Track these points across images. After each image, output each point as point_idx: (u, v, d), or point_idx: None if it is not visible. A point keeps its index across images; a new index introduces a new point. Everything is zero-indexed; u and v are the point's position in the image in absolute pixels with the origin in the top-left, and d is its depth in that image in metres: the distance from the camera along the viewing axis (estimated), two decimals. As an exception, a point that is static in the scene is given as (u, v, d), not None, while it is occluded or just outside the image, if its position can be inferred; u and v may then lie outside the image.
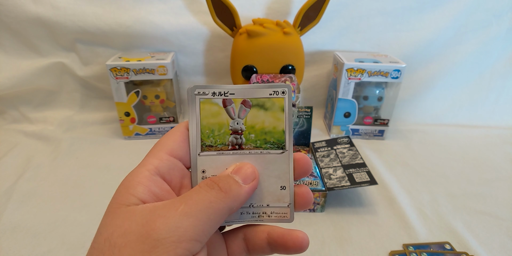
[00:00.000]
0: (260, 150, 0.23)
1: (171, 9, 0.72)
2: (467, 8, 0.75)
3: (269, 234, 0.23)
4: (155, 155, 0.21)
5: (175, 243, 0.17)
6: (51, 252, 0.43)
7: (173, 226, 0.17)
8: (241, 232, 0.24)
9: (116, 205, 0.19)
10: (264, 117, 0.23)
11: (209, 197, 0.19)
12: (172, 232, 0.17)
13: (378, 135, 0.75)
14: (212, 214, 0.19)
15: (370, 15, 0.75)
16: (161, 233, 0.17)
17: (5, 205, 0.51)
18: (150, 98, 0.71)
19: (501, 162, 0.66)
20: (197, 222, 0.18)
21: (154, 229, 0.17)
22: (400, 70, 0.67)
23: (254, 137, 0.23)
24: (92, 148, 0.68)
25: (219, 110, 0.22)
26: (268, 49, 0.64)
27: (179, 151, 0.22)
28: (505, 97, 0.84)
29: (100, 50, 0.74)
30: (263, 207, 0.23)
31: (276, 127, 0.23)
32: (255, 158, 0.23)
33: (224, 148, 0.23)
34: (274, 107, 0.23)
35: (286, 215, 0.23)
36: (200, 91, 0.22)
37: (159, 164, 0.21)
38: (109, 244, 0.17)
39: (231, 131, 0.23)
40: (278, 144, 0.23)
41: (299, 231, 0.22)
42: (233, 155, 0.23)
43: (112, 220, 0.18)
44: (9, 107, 0.77)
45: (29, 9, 0.68)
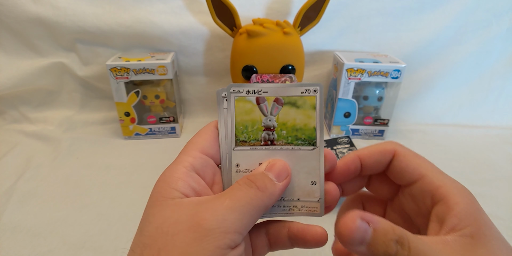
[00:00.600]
0: (291, 146, 0.24)
1: (171, 9, 0.72)
2: (467, 8, 0.75)
3: (289, 229, 0.24)
4: (189, 153, 0.23)
5: (223, 233, 0.18)
6: (51, 252, 0.43)
7: (221, 218, 0.19)
8: (264, 227, 0.25)
9: (161, 198, 0.20)
10: (296, 114, 0.24)
11: (249, 194, 0.21)
12: (220, 224, 0.19)
13: (378, 135, 0.75)
14: (252, 210, 0.20)
15: (370, 15, 0.75)
16: (211, 224, 0.18)
17: (5, 205, 0.51)
18: (150, 98, 0.71)
19: (501, 162, 0.66)
20: (241, 216, 0.19)
21: (204, 220, 0.19)
22: (400, 70, 0.67)
23: (285, 133, 0.24)
24: (92, 148, 0.68)
25: (253, 107, 0.24)
26: (268, 49, 0.64)
27: (210, 149, 0.23)
28: (505, 97, 0.84)
29: (100, 50, 0.74)
30: (294, 201, 0.24)
31: (307, 124, 0.24)
32: (286, 153, 0.24)
33: (256, 143, 0.24)
34: (305, 105, 0.24)
35: (316, 209, 0.24)
36: (235, 89, 0.24)
37: (193, 161, 0.22)
38: (161, 231, 0.19)
39: (263, 128, 0.24)
40: (309, 141, 0.24)
41: (317, 227, 0.23)
42: (265, 150, 0.24)
43: (161, 211, 0.20)
44: (9, 107, 0.77)
45: (29, 9, 0.68)
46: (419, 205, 0.23)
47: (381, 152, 0.24)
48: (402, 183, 0.24)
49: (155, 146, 0.70)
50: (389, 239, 0.18)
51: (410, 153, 0.23)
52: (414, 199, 0.23)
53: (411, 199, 0.23)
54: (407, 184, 0.23)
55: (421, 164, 0.23)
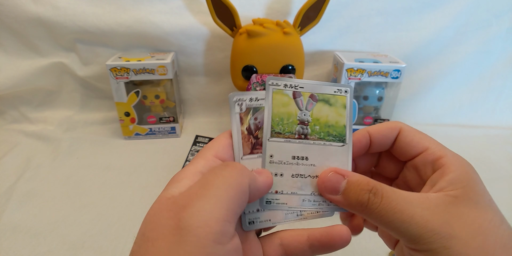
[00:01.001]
0: (323, 141, 0.25)
1: (171, 9, 0.72)
2: (467, 8, 0.75)
3: (310, 236, 0.23)
4: (202, 156, 0.23)
5: (202, 227, 0.17)
6: (51, 252, 0.43)
7: (195, 211, 0.17)
8: (277, 238, 0.24)
9: (159, 199, 0.20)
10: (328, 111, 0.25)
11: (223, 173, 0.20)
12: (196, 218, 0.17)
13: (378, 135, 0.75)
14: (230, 190, 0.19)
15: (370, 15, 0.75)
16: (187, 221, 0.17)
17: (5, 205, 0.51)
18: (150, 98, 0.71)
19: (501, 162, 0.66)
20: (218, 202, 0.18)
21: (180, 220, 0.17)
22: (400, 70, 0.67)
23: (318, 129, 0.25)
24: (92, 148, 0.68)
25: (289, 101, 0.24)
26: (268, 49, 0.64)
27: (224, 154, 0.23)
28: (505, 97, 0.84)
29: (100, 50, 0.74)
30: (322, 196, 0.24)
31: (338, 122, 0.25)
32: (318, 148, 0.24)
33: (291, 136, 0.24)
34: (337, 103, 0.25)
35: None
36: (274, 82, 0.24)
37: (205, 163, 0.22)
38: (144, 238, 0.18)
39: (298, 121, 0.24)
40: (339, 138, 0.25)
41: (340, 225, 0.23)
42: (298, 143, 0.24)
43: (147, 215, 0.19)
44: (9, 107, 0.77)
45: (29, 9, 0.68)
46: (421, 175, 0.24)
47: (388, 128, 0.25)
48: (407, 158, 0.25)
49: (155, 146, 0.70)
50: (362, 189, 0.21)
51: (414, 129, 0.25)
52: (416, 170, 0.24)
53: (414, 170, 0.25)
54: (412, 157, 0.24)
55: (425, 138, 0.24)
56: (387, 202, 0.20)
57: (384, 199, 0.20)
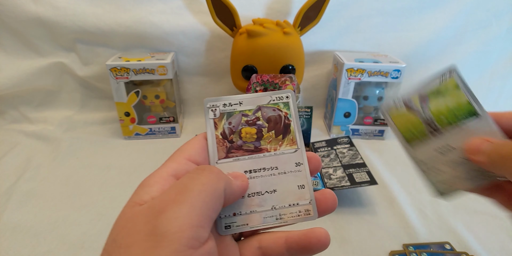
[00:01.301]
0: (455, 125, 0.25)
1: (171, 9, 0.72)
2: (467, 8, 0.75)
3: (287, 239, 0.22)
4: (174, 159, 0.22)
5: (177, 233, 0.17)
6: (51, 252, 0.43)
7: (171, 217, 0.17)
8: (255, 241, 0.23)
9: (129, 204, 0.20)
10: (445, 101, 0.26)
11: (201, 179, 0.19)
12: (171, 224, 0.17)
13: (378, 135, 0.75)
14: (206, 196, 0.18)
15: (370, 15, 0.75)
16: (162, 227, 0.17)
17: (5, 205, 0.51)
18: (150, 98, 0.71)
19: (501, 162, 0.66)
20: (194, 208, 0.18)
21: (155, 225, 0.17)
22: (400, 70, 0.67)
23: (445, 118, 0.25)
24: (92, 148, 0.68)
25: (407, 113, 0.26)
26: (268, 49, 0.64)
27: (197, 156, 0.23)
28: (505, 97, 0.84)
29: (100, 50, 0.74)
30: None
31: (459, 103, 0.25)
32: (455, 132, 0.24)
33: (426, 137, 0.26)
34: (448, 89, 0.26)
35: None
36: (391, 103, 0.26)
37: (177, 167, 0.22)
38: (116, 245, 0.18)
39: (423, 125, 0.26)
40: (469, 113, 0.25)
41: (318, 228, 0.22)
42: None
43: (118, 221, 0.19)
44: (9, 107, 0.77)
45: (29, 9, 0.68)
46: None
47: None
48: None
49: (155, 146, 0.70)
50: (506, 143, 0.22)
51: (501, 112, 0.25)
52: None
53: None
54: None
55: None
56: None
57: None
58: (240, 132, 0.24)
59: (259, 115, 0.25)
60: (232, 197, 0.22)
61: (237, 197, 0.22)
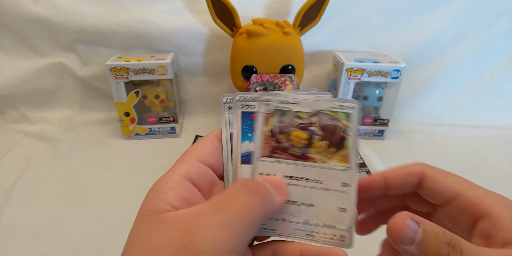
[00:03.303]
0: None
1: (171, 9, 0.72)
2: (467, 8, 0.75)
3: (302, 253, 0.21)
4: (185, 161, 0.21)
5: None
6: (51, 252, 0.43)
7: (211, 238, 0.16)
8: (269, 249, 0.22)
9: (148, 212, 0.19)
10: None
11: (246, 202, 0.18)
12: (211, 245, 0.16)
13: (378, 135, 0.75)
14: (249, 221, 0.18)
15: (370, 15, 0.75)
16: (200, 246, 0.16)
17: (5, 205, 0.51)
18: (150, 98, 0.71)
19: (501, 162, 0.66)
20: (235, 233, 0.17)
21: (192, 243, 0.16)
22: (400, 70, 0.67)
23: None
24: (92, 148, 0.68)
25: None
26: (268, 49, 0.64)
27: (209, 158, 0.22)
28: (505, 97, 0.84)
29: (100, 50, 0.74)
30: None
31: None
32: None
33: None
34: None
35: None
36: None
37: (189, 169, 0.21)
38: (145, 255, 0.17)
39: None
40: None
41: (338, 249, 0.21)
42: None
43: (146, 230, 0.18)
44: (9, 107, 0.77)
45: (29, 9, 0.68)
46: (459, 224, 0.21)
47: (407, 174, 0.23)
48: (438, 203, 0.22)
49: (155, 146, 0.70)
50: (440, 241, 0.18)
51: (440, 172, 0.22)
52: (453, 218, 0.22)
53: (449, 218, 0.22)
54: (443, 204, 0.22)
55: (453, 182, 0.22)
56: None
57: (464, 254, 0.18)
58: (290, 134, 0.22)
59: (314, 120, 0.22)
60: (272, 216, 0.21)
61: (275, 214, 0.21)
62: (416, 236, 0.18)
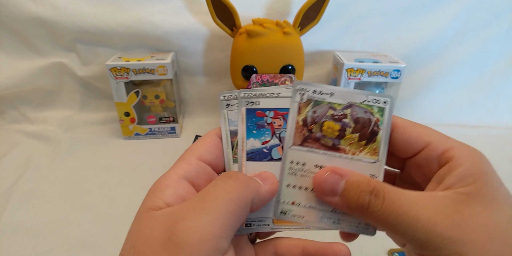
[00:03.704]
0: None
1: (171, 9, 0.72)
2: (467, 8, 0.75)
3: (304, 249, 0.21)
4: (185, 160, 0.21)
5: (196, 245, 0.16)
6: (51, 252, 0.43)
7: (192, 226, 0.16)
8: (272, 246, 0.22)
9: (143, 209, 0.19)
10: None
11: (226, 187, 0.18)
12: (192, 233, 0.16)
13: (378, 135, 0.75)
14: (231, 205, 0.18)
15: (370, 15, 0.75)
16: (181, 236, 0.16)
17: (5, 205, 0.51)
18: (150, 98, 0.71)
19: (501, 162, 0.66)
20: (217, 217, 0.17)
21: (174, 234, 0.16)
22: (400, 70, 0.67)
23: None
24: (92, 148, 0.68)
25: None
26: (268, 49, 0.64)
27: (209, 155, 0.22)
28: (505, 97, 0.84)
29: (100, 50, 0.74)
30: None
31: None
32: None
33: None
34: None
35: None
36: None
37: (188, 168, 0.21)
38: (134, 251, 0.17)
39: None
40: None
41: (340, 244, 0.21)
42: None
43: (136, 227, 0.18)
44: (9, 107, 0.77)
45: (29, 9, 0.68)
46: (426, 173, 0.21)
47: None
48: (408, 155, 0.22)
49: (155, 146, 0.70)
50: (362, 190, 0.19)
51: (410, 123, 0.22)
52: (420, 168, 0.22)
53: (418, 168, 0.22)
54: (413, 154, 0.22)
55: (424, 132, 0.21)
56: (390, 204, 0.18)
57: (386, 200, 0.18)
58: (323, 124, 0.22)
59: (347, 112, 0.22)
60: (261, 203, 0.20)
61: (266, 202, 0.21)
62: (337, 187, 0.20)
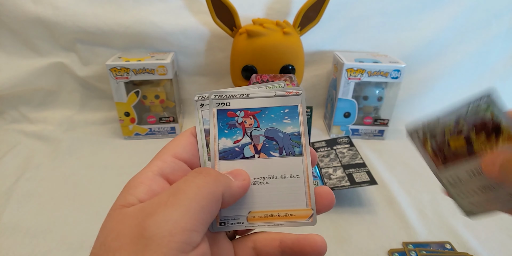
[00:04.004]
0: None
1: (171, 9, 0.72)
2: (467, 8, 0.75)
3: (282, 241, 0.22)
4: (160, 158, 0.22)
5: (166, 237, 0.16)
6: (51, 252, 0.43)
7: (162, 220, 0.16)
8: (250, 241, 0.23)
9: (115, 206, 0.19)
10: None
11: (196, 182, 0.18)
12: (162, 227, 0.16)
13: (378, 135, 0.75)
14: (202, 200, 0.18)
15: (370, 15, 0.75)
16: (151, 230, 0.16)
17: (5, 205, 0.51)
18: (150, 98, 0.71)
19: (501, 162, 0.66)
20: (187, 211, 0.17)
21: (145, 228, 0.16)
22: (400, 70, 0.67)
23: None
24: (92, 148, 0.68)
25: None
26: (268, 49, 0.64)
27: (184, 153, 0.22)
28: (505, 97, 0.83)
29: (100, 50, 0.74)
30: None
31: None
32: None
33: None
34: None
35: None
36: None
37: (163, 165, 0.21)
38: (104, 248, 0.17)
39: None
40: None
41: (315, 235, 0.21)
42: None
43: (107, 224, 0.18)
44: (9, 107, 0.77)
45: (29, 9, 0.68)
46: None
47: None
48: None
49: (155, 146, 0.70)
50: None
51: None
52: None
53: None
54: None
55: None
56: None
57: None
58: (449, 145, 0.25)
59: (462, 123, 0.24)
60: (232, 198, 0.21)
61: (237, 198, 0.21)
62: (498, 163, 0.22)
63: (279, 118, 0.24)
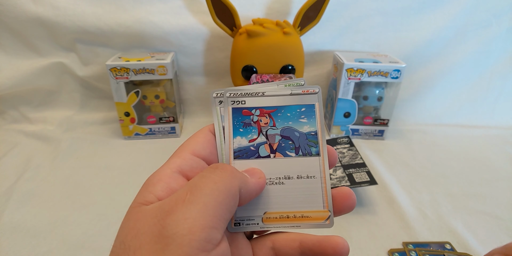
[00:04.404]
0: None
1: (171, 9, 0.72)
2: (467, 8, 0.75)
3: (302, 242, 0.21)
4: (178, 155, 0.21)
5: (186, 236, 0.16)
6: (51, 252, 0.43)
7: (181, 218, 0.16)
8: (269, 241, 0.22)
9: (134, 205, 0.19)
10: None
11: (213, 178, 0.18)
12: (181, 225, 0.16)
13: (378, 135, 0.75)
14: (219, 195, 0.18)
15: (370, 15, 0.75)
16: (171, 229, 0.16)
17: (5, 205, 0.51)
18: (150, 98, 0.71)
19: (501, 162, 0.66)
20: (205, 208, 0.17)
21: (164, 227, 0.16)
22: (400, 70, 0.67)
23: None
24: (92, 148, 0.68)
25: None
26: (268, 49, 0.64)
27: (202, 150, 0.22)
28: (505, 97, 0.84)
29: (100, 50, 0.74)
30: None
31: None
32: None
33: None
34: None
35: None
36: None
37: (182, 162, 0.21)
38: (124, 247, 0.17)
39: None
40: None
41: (337, 237, 0.21)
42: None
43: (126, 222, 0.18)
44: (9, 107, 0.77)
45: (29, 9, 0.68)
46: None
47: None
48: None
49: (155, 146, 0.70)
50: None
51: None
52: None
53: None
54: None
55: None
56: None
57: None
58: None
59: None
60: (249, 195, 0.21)
61: (254, 196, 0.21)
62: None
63: (295, 117, 0.23)
